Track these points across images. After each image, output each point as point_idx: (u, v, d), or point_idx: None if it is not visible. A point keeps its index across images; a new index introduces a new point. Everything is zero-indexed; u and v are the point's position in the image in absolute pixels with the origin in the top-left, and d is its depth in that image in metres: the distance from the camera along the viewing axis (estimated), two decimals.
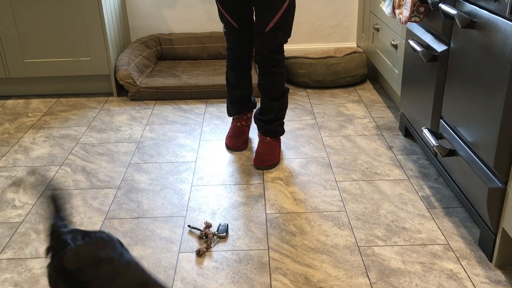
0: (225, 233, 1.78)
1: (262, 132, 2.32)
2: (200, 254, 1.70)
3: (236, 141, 2.42)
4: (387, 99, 2.96)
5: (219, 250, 1.72)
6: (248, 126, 2.50)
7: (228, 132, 2.49)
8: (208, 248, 1.72)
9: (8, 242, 1.80)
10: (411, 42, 2.12)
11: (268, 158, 2.25)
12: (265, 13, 2.06)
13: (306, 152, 2.37)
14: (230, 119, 2.74)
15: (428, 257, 1.67)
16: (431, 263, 1.64)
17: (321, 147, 2.41)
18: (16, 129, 2.68)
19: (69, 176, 2.21)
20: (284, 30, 2.11)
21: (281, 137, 2.49)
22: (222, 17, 2.22)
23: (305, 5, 3.45)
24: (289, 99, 2.99)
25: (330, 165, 2.24)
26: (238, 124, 2.47)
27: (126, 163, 2.31)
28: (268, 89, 2.22)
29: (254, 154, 2.31)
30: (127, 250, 1.16)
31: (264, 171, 2.21)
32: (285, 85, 2.26)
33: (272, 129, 2.30)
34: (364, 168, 2.22)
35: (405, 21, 2.09)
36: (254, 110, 2.49)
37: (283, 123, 2.34)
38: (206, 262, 1.67)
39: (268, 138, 2.31)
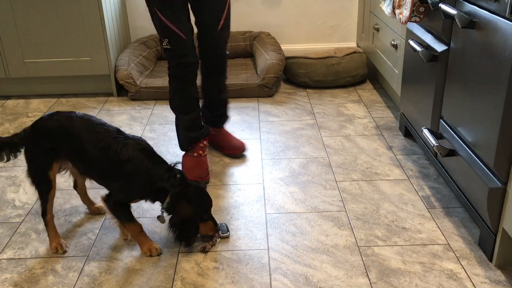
0: (227, 233, 1.79)
1: (222, 124, 2.37)
2: (206, 250, 1.70)
3: (200, 171, 2.12)
4: (387, 99, 2.96)
5: (219, 250, 1.72)
6: (206, 156, 2.20)
7: (185, 165, 2.16)
8: (213, 244, 1.72)
9: (8, 242, 1.80)
10: (411, 42, 2.12)
11: (241, 143, 2.36)
12: (213, 10, 2.07)
13: (306, 152, 2.37)
14: (230, 119, 2.73)
15: (428, 257, 1.67)
16: (431, 263, 1.64)
17: (321, 147, 2.41)
18: (16, 129, 2.68)
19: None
20: (229, 26, 2.16)
21: (282, 137, 2.50)
22: (166, 31, 1.96)
23: (305, 5, 3.45)
24: (289, 99, 2.99)
25: (330, 165, 2.24)
26: (195, 154, 2.16)
27: None
28: (221, 85, 2.28)
29: (225, 147, 2.36)
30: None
31: (264, 170, 2.21)
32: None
33: (227, 115, 2.38)
34: (364, 168, 2.22)
35: (405, 21, 2.09)
36: (205, 112, 2.30)
37: None
38: (206, 262, 1.67)
39: (224, 128, 2.39)
